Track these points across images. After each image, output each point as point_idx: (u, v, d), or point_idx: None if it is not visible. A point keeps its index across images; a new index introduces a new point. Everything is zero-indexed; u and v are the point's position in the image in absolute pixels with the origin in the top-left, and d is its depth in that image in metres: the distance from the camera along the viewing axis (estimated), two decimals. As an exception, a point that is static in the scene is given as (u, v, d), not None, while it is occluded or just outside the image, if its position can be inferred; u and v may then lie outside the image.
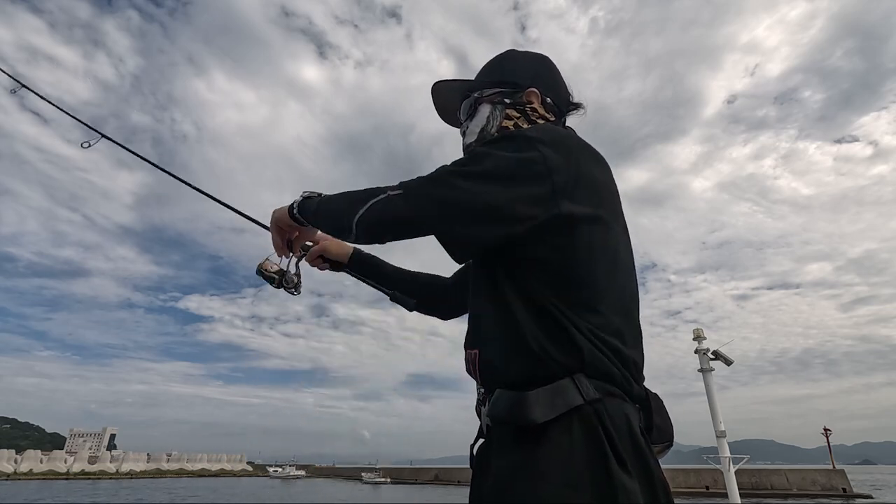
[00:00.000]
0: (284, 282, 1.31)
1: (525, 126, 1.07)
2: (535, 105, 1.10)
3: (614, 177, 0.99)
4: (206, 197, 1.57)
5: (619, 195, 0.99)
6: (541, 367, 0.82)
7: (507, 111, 1.09)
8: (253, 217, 1.40)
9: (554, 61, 1.18)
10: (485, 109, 1.11)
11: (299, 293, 1.34)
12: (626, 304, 0.92)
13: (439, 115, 1.26)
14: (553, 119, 1.11)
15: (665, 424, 0.93)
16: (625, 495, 0.72)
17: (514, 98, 1.10)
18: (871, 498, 33.73)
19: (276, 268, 1.31)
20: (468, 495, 0.89)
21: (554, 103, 1.12)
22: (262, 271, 1.30)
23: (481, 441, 0.93)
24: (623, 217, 0.98)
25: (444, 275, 1.39)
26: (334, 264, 1.39)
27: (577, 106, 1.17)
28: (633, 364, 0.88)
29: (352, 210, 0.95)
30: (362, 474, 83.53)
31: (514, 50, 1.20)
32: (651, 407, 0.91)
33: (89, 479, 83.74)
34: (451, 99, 1.21)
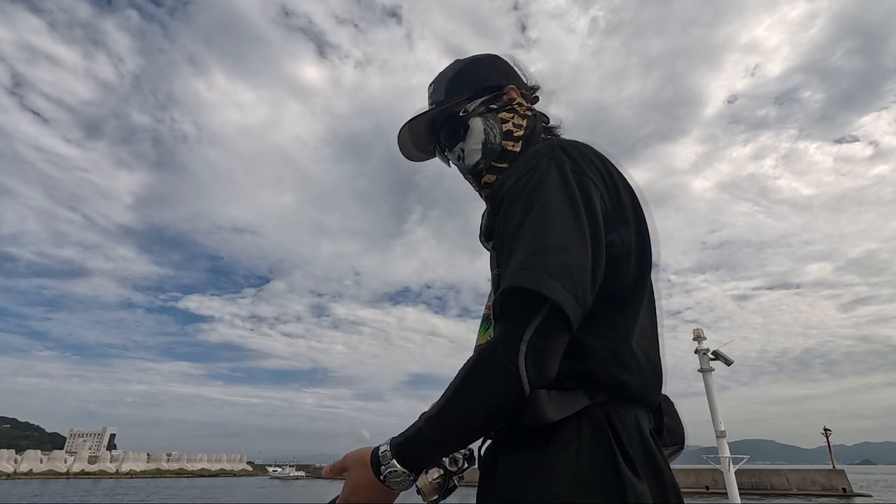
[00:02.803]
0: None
1: (522, 122, 1.07)
2: (520, 100, 1.09)
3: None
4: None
5: (636, 195, 0.95)
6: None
7: (500, 115, 1.07)
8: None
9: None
10: (477, 124, 1.07)
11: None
12: (648, 312, 0.91)
13: (406, 156, 1.17)
14: (533, 108, 1.12)
15: (676, 427, 0.93)
16: (634, 496, 0.71)
17: (499, 101, 1.09)
18: (871, 498, 33.77)
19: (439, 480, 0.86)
20: (469, 496, 0.87)
21: (529, 92, 1.14)
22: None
23: (489, 442, 0.92)
24: (645, 219, 0.95)
25: (446, 274, 1.37)
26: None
27: (537, 88, 1.17)
28: (650, 369, 0.87)
29: (503, 381, 0.74)
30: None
31: (459, 60, 1.17)
32: (662, 409, 0.90)
33: (89, 478, 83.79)
34: (418, 133, 1.13)
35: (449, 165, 1.16)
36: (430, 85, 1.16)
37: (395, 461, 0.76)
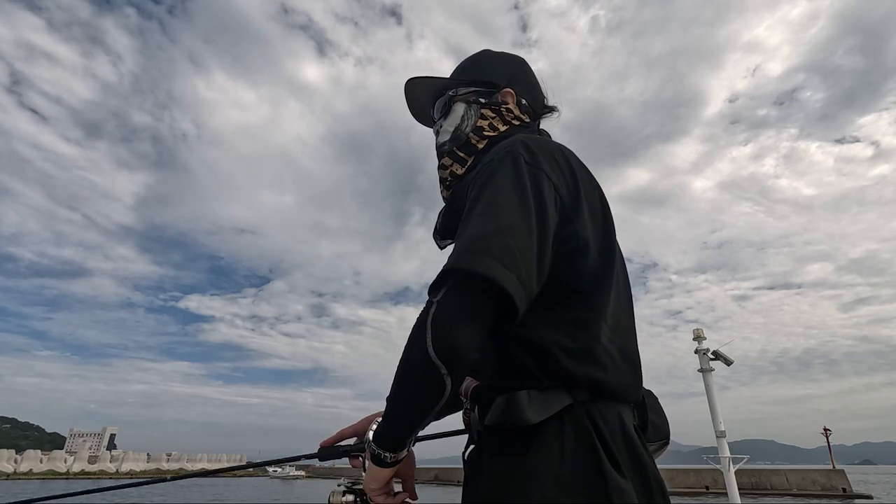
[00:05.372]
0: None
1: (500, 126, 1.06)
2: (511, 105, 1.09)
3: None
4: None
5: (599, 187, 0.96)
6: (533, 375, 0.81)
7: (483, 111, 1.07)
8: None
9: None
10: (459, 108, 1.09)
11: None
12: (620, 303, 0.91)
13: (412, 113, 1.22)
14: (528, 120, 1.10)
15: (661, 422, 0.92)
16: (618, 496, 0.71)
17: (490, 98, 1.09)
18: (871, 498, 33.75)
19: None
20: (455, 495, 0.89)
21: (529, 105, 1.11)
22: None
23: (472, 447, 0.92)
24: (611, 218, 0.95)
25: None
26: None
27: (552, 109, 1.16)
28: (629, 364, 0.87)
29: (414, 347, 0.74)
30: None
31: (489, 50, 1.19)
32: (646, 404, 0.89)
33: (89, 478, 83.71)
34: (424, 97, 1.17)
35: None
36: None
37: (374, 446, 0.83)
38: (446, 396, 0.74)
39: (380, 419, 0.84)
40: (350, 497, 0.97)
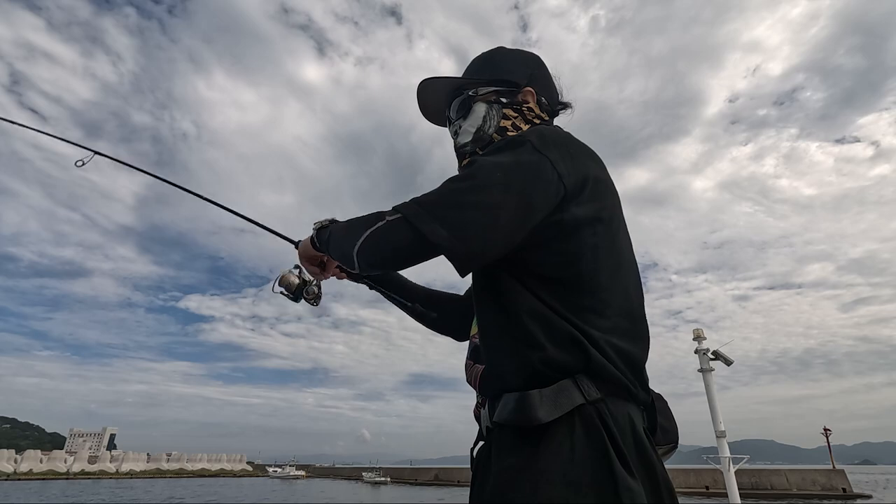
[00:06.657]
0: (305, 293, 1.35)
1: (523, 126, 1.06)
2: (532, 105, 1.09)
3: (613, 176, 0.98)
4: (220, 206, 1.63)
5: (617, 192, 0.97)
6: (543, 371, 0.81)
7: (505, 111, 1.07)
8: (282, 234, 1.45)
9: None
10: (480, 108, 1.08)
11: (318, 305, 1.38)
12: (630, 304, 0.90)
13: (423, 114, 1.21)
14: (547, 118, 1.11)
15: (670, 425, 0.93)
16: (628, 496, 0.71)
17: (511, 97, 1.09)
18: (871, 498, 33.73)
19: (297, 281, 1.35)
20: (462, 496, 0.90)
21: (548, 103, 1.12)
22: (283, 284, 1.34)
23: (481, 444, 0.92)
24: (623, 214, 0.97)
25: (446, 273, 1.38)
26: (352, 274, 1.35)
27: (566, 105, 1.16)
28: (638, 365, 0.87)
29: (350, 241, 0.92)
30: (363, 474, 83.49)
31: (503, 47, 1.19)
32: (655, 407, 0.90)
33: (89, 478, 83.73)
34: (438, 97, 1.16)
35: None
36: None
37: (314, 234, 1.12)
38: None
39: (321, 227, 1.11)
40: (296, 271, 1.34)
